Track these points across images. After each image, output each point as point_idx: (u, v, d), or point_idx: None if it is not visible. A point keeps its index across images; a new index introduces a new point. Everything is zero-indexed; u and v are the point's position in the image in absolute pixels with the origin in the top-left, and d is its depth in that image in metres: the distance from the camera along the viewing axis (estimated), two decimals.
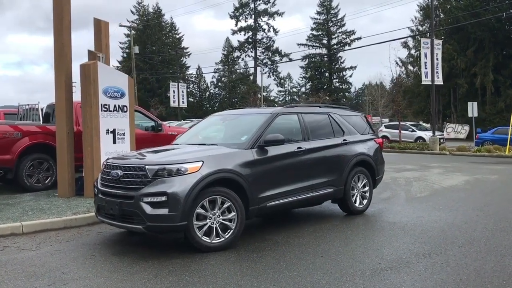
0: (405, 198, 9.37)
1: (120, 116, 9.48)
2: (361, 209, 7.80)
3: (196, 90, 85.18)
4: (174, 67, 73.91)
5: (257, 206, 6.13)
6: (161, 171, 5.51)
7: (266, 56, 70.41)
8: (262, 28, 69.00)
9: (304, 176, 6.82)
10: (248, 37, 69.09)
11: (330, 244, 5.96)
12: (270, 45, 69.33)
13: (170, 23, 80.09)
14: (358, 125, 8.20)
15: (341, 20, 69.03)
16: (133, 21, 74.81)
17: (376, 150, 8.26)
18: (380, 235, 6.41)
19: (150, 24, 72.86)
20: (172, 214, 5.36)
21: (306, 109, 7.58)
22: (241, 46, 69.96)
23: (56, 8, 9.02)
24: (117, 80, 9.43)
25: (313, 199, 7.03)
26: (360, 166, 7.85)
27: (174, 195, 5.36)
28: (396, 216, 7.65)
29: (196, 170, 5.55)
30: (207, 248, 5.60)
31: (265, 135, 6.38)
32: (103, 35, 9.92)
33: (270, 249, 5.74)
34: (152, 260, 5.34)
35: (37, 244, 6.15)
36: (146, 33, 72.18)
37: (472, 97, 38.07)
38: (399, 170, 14.56)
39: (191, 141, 7.03)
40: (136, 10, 76.56)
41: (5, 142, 9.45)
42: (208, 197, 5.63)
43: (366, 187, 7.97)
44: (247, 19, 68.42)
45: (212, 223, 5.68)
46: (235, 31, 68.47)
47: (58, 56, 9.05)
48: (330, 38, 70.10)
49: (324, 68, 70.86)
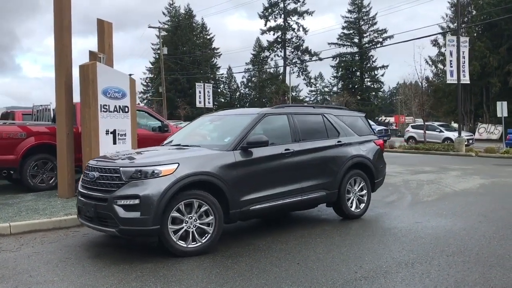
0: (410, 202, 8.99)
1: (121, 116, 9.45)
2: (357, 214, 7.50)
3: (226, 90, 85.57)
4: (205, 68, 74.49)
5: (239, 210, 5.95)
6: (134, 173, 5.41)
7: (296, 55, 69.99)
8: (291, 28, 68.67)
9: (292, 179, 6.60)
10: (278, 36, 68.86)
11: (312, 250, 5.72)
12: (299, 44, 68.91)
13: (201, 24, 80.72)
14: (356, 126, 7.90)
15: (372, 19, 68.04)
16: (164, 22, 75.96)
17: (376, 152, 7.94)
18: (367, 241, 6.11)
19: (181, 25, 73.55)
20: (144, 218, 5.25)
21: (298, 109, 7.33)
22: (270, 45, 69.80)
23: (57, 9, 9.08)
24: (118, 80, 9.40)
25: (303, 202, 6.80)
26: (357, 169, 7.55)
27: (146, 198, 5.25)
28: (393, 221, 7.32)
29: (171, 173, 5.41)
30: (182, 252, 5.46)
31: (249, 137, 6.20)
32: (106, 36, 9.91)
33: (248, 255, 5.55)
34: (124, 264, 5.23)
35: (20, 246, 6.15)
36: (177, 34, 72.92)
37: (505, 96, 36.57)
38: (416, 172, 14.07)
39: (177, 142, 6.90)
40: (167, 11, 77.51)
41: (9, 142, 9.58)
42: (184, 201, 5.49)
43: (364, 190, 7.66)
44: (277, 18, 68.26)
45: (188, 227, 5.53)
46: (264, 31, 68.43)
47: (58, 57, 9.10)
48: (361, 37, 69.19)
49: (355, 67, 69.96)
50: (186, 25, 74.39)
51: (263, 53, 72.12)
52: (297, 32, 68.59)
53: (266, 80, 72.95)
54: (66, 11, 9.11)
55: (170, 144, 6.92)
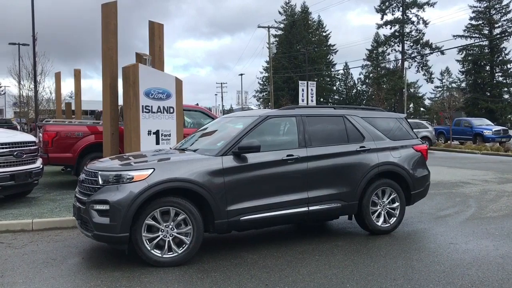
0: (468, 217, 7.73)
1: (165, 117, 9.48)
2: (385, 229, 6.61)
3: (342, 87, 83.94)
4: (319, 65, 73.75)
5: (226, 220, 5.52)
6: (109, 177, 5.27)
7: (415, 49, 66.01)
8: (410, 21, 64.97)
9: (296, 188, 5.98)
10: (395, 30, 65.56)
11: (297, 270, 5.10)
12: (419, 38, 64.90)
13: (318, 20, 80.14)
14: (390, 130, 6.97)
15: (506, 7, 61.59)
16: (280, 21, 76.71)
17: (414, 159, 6.93)
18: (369, 265, 5.27)
19: (296, 23, 73.68)
20: (113, 224, 5.08)
21: (311, 110, 6.63)
22: (387, 40, 66.73)
23: (104, 13, 9.36)
24: (163, 81, 9.43)
25: (312, 214, 6.11)
26: (386, 178, 6.65)
27: (115, 204, 5.07)
28: (424, 240, 6.32)
29: (143, 178, 5.17)
30: (156, 262, 5.21)
31: (242, 141, 5.73)
32: (156, 37, 10.01)
33: (223, 270, 5.11)
34: (98, 270, 5.14)
35: (28, 243, 6.37)
36: (291, 33, 73.22)
37: None
38: (507, 181, 12.15)
39: (185, 145, 6.65)
40: (283, 10, 78.23)
41: (67, 141, 10.16)
42: (159, 208, 5.23)
43: (396, 203, 6.72)
44: (394, 12, 64.97)
45: (164, 236, 5.26)
46: (380, 25, 65.67)
47: (104, 59, 9.38)
48: (492, 28, 63.09)
49: (485, 60, 64.04)
50: (301, 23, 74.31)
51: (379, 48, 69.23)
52: (416, 25, 64.74)
53: (381, 76, 69.96)
54: (112, 15, 9.34)
55: (178, 147, 6.71)
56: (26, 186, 8.68)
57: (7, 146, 8.16)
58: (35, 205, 8.46)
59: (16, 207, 8.21)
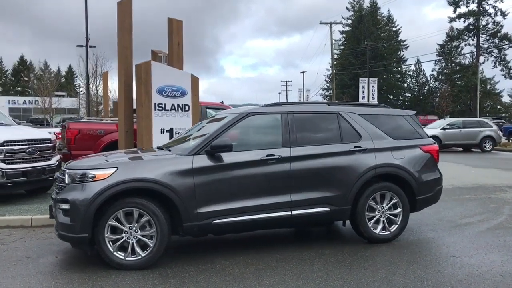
0: (488, 227, 6.85)
1: (180, 115, 9.34)
2: (384, 237, 5.99)
3: (414, 84, 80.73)
4: (389, 61, 71.35)
5: (196, 223, 5.22)
6: (74, 176, 5.14)
7: (491, 43, 61.83)
8: (487, 13, 60.92)
9: (277, 190, 5.54)
10: (469, 23, 61.76)
11: (260, 280, 4.68)
12: (496, 30, 60.69)
13: (387, 16, 77.67)
14: (394, 128, 6.31)
15: None
16: (348, 17, 75.11)
17: (420, 160, 6.23)
18: (346, 279, 4.75)
19: (363, 19, 71.81)
20: (72, 224, 4.95)
21: (300, 107, 6.09)
22: (460, 34, 63.06)
23: (119, 11, 9.35)
24: (177, 79, 9.28)
25: (296, 218, 5.63)
26: (386, 181, 6.04)
27: (74, 203, 4.94)
28: (425, 251, 5.65)
29: (104, 178, 4.99)
30: (118, 265, 5.02)
31: (216, 140, 5.40)
32: (174, 34, 9.88)
33: (183, 277, 4.82)
34: (60, 271, 5.07)
35: (19, 239, 6.43)
36: (359, 29, 71.45)
37: None
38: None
39: (169, 144, 6.40)
40: (351, 6, 76.50)
41: (89, 139, 10.31)
42: (122, 209, 5.03)
43: (398, 209, 6.08)
44: (469, 4, 61.18)
45: (128, 238, 5.06)
46: (453, 18, 62.16)
47: (119, 57, 9.38)
48: None
49: None
50: (369, 19, 72.28)
51: (452, 43, 65.60)
52: (494, 17, 60.61)
53: (454, 72, 66.32)
54: (127, 13, 9.32)
55: (164, 146, 6.48)
56: (40, 182, 8.86)
57: (20, 143, 8.35)
58: (48, 201, 8.60)
59: (29, 203, 8.40)
